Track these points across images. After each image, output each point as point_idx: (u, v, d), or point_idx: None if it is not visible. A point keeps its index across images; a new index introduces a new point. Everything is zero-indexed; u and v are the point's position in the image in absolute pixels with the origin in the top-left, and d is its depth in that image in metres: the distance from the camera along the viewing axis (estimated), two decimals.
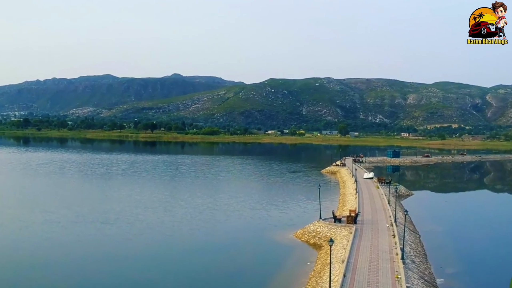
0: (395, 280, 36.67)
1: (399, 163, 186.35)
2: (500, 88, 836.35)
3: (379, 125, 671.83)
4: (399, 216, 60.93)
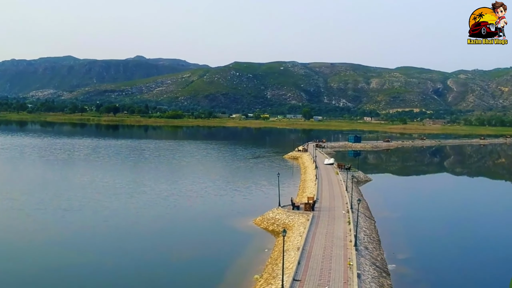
0: (347, 267, 38.18)
1: (360, 148, 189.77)
2: (461, 73, 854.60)
3: (343, 109, 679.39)
4: (356, 203, 62.66)
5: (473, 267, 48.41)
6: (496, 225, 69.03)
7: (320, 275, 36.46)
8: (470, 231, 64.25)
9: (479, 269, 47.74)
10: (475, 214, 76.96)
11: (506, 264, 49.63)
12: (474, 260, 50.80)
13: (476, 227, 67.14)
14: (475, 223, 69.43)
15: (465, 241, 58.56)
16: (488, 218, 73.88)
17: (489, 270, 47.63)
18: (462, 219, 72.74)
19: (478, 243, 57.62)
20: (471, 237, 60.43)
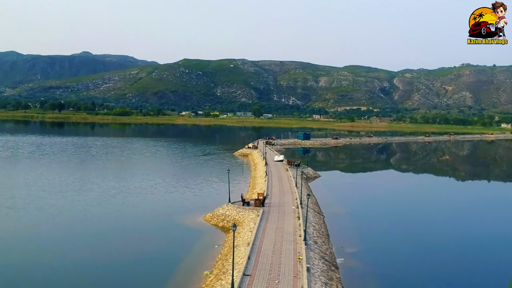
0: (297, 261, 38.44)
1: (309, 145, 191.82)
2: (406, 72, 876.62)
3: (292, 107, 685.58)
4: (305, 198, 63.29)
5: (419, 260, 49.57)
6: (440, 219, 70.89)
7: (270, 269, 36.57)
8: (416, 225, 65.88)
9: (424, 261, 48.91)
10: (420, 209, 78.88)
11: (449, 255, 51.21)
12: (419, 253, 52.05)
13: (421, 221, 68.85)
14: (421, 218, 71.20)
15: (411, 235, 60.03)
16: (433, 213, 75.76)
17: (433, 261, 48.88)
18: (408, 214, 74.45)
19: (424, 237, 59.06)
20: (417, 231, 61.96)
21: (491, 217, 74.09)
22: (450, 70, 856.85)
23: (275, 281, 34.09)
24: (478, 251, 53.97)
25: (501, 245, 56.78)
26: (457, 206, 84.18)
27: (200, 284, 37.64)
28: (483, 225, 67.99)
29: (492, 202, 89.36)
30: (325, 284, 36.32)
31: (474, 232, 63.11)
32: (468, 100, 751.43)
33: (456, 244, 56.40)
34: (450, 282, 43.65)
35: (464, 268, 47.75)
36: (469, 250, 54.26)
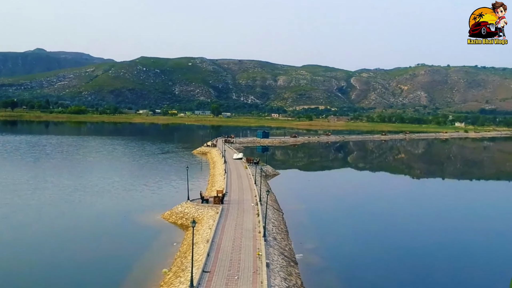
0: (256, 257, 38.44)
1: (268, 144, 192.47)
2: (363, 72, 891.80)
3: (251, 105, 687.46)
4: (264, 195, 63.40)
5: (376, 255, 50.31)
6: (396, 215, 72.32)
7: (229, 265, 36.43)
8: (373, 221, 66.76)
9: (381, 256, 49.72)
10: (377, 206, 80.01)
11: (405, 249, 52.26)
12: (376, 248, 52.85)
13: (378, 217, 69.88)
14: (377, 214, 72.19)
15: (368, 230, 60.85)
16: (389, 209, 77.22)
17: (390, 255, 49.83)
18: (365, 210, 75.31)
19: (380, 232, 60.03)
20: (374, 227, 62.84)
21: (445, 212, 75.88)
22: (406, 70, 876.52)
23: (235, 277, 33.99)
24: (432, 244, 55.12)
25: (452, 237, 58.25)
26: (413, 202, 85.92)
27: (158, 282, 37.13)
28: (437, 220, 69.52)
29: (446, 198, 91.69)
30: (285, 279, 36.43)
31: (428, 226, 64.48)
32: (423, 100, 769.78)
33: (411, 238, 57.56)
34: (406, 275, 44.42)
35: (420, 261, 48.66)
36: (424, 243, 55.36)
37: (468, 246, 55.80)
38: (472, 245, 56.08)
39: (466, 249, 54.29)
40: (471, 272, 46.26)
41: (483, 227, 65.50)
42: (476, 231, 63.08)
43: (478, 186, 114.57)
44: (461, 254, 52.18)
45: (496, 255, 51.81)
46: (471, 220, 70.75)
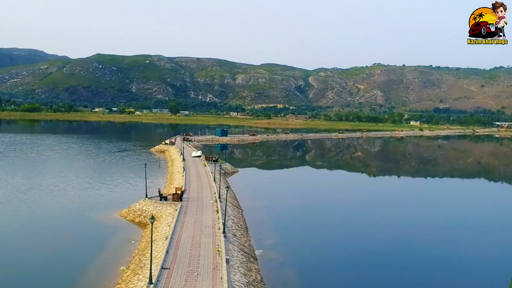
0: (216, 253, 38.23)
1: (227, 142, 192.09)
2: (321, 71, 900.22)
3: (209, 104, 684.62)
4: (224, 192, 63.17)
5: (334, 249, 50.92)
6: (353, 211, 73.36)
7: (189, 262, 36.13)
8: (330, 217, 67.71)
9: (339, 250, 50.31)
10: (334, 203, 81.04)
11: (362, 242, 52.97)
12: (334, 242, 53.51)
13: (335, 214, 70.86)
14: (334, 211, 73.19)
15: (326, 225, 61.61)
16: (346, 205, 78.36)
17: (348, 248, 50.45)
18: (323, 207, 76.20)
19: (337, 228, 60.93)
20: (331, 223, 63.74)
21: (400, 207, 77.54)
22: (363, 70, 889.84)
23: (194, 273, 33.71)
24: (389, 238, 56.16)
25: (409, 232, 59.51)
26: (370, 199, 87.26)
27: (116, 280, 36.48)
28: (395, 215, 70.82)
29: (402, 195, 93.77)
30: (244, 275, 36.40)
31: (386, 221, 65.63)
32: (379, 99, 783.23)
33: (369, 233, 58.37)
34: (364, 269, 45.01)
35: (377, 255, 49.40)
36: (381, 238, 56.30)
37: (422, 239, 56.96)
38: (425, 238, 57.26)
39: (422, 242, 55.40)
40: (427, 264, 47.21)
41: (440, 222, 67.12)
42: (431, 226, 64.45)
43: (432, 184, 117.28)
44: (417, 247, 53.25)
45: (452, 249, 53.13)
46: (426, 216, 72.23)
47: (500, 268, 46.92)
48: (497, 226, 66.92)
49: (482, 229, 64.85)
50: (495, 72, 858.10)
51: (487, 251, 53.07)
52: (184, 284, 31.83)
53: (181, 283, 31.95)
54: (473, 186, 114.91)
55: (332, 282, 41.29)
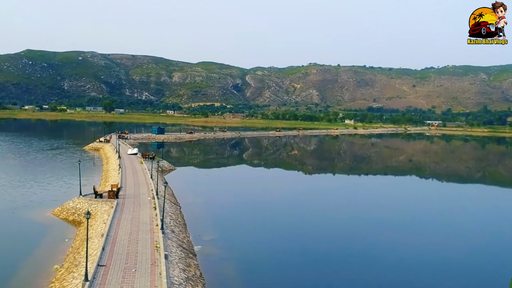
0: (154, 249, 37.64)
1: (163, 140, 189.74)
2: (258, 69, 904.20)
3: (145, 102, 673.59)
4: (161, 189, 62.44)
5: (271, 243, 51.30)
6: (289, 206, 74.46)
7: (126, 259, 35.38)
8: (267, 212, 68.29)
9: (277, 244, 50.75)
10: (270, 199, 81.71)
11: (299, 237, 53.80)
12: (271, 236, 53.96)
13: (272, 209, 71.58)
14: (272, 207, 73.82)
15: (263, 221, 62.27)
16: (282, 202, 79.28)
17: (284, 243, 51.03)
18: (260, 203, 76.82)
19: (275, 222, 61.62)
20: (268, 218, 64.38)
21: (334, 204, 79.40)
22: (299, 69, 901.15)
23: (132, 270, 33.03)
24: (324, 233, 57.31)
25: (344, 227, 60.95)
26: (305, 196, 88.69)
27: (49, 279, 35.21)
28: (329, 211, 72.38)
29: (335, 192, 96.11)
30: (183, 270, 36.07)
31: (320, 217, 67.02)
32: (315, 98, 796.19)
33: (305, 228, 59.51)
34: (301, 262, 45.65)
35: (313, 251, 50.23)
36: (317, 233, 57.39)
37: (356, 234, 58.51)
38: (360, 233, 58.83)
39: (355, 238, 56.85)
40: (358, 259, 48.41)
41: (374, 218, 69.04)
42: (367, 222, 66.27)
43: (367, 181, 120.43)
44: (351, 242, 54.58)
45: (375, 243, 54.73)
46: (361, 212, 74.16)
47: (413, 266, 48.66)
48: (424, 222, 69.54)
49: (415, 226, 67.22)
50: (426, 72, 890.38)
51: (407, 246, 55.05)
52: (121, 281, 31.10)
53: (118, 280, 31.21)
54: (405, 183, 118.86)
55: (270, 276, 41.56)
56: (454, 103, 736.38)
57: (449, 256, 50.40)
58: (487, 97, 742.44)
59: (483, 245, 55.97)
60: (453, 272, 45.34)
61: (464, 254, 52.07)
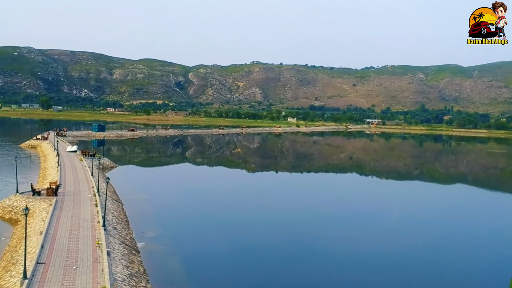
0: (96, 246, 36.82)
1: (104, 137, 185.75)
2: (201, 67, 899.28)
3: (85, 99, 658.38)
4: (102, 187, 61.18)
5: (215, 238, 51.18)
6: (231, 203, 74.84)
7: (67, 256, 34.44)
8: (211, 210, 68.09)
9: (221, 239, 50.71)
10: (213, 196, 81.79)
11: (238, 232, 54.06)
12: (214, 233, 53.88)
13: (215, 206, 71.47)
14: (214, 204, 73.77)
15: (206, 217, 62.13)
16: (224, 199, 79.53)
17: (227, 240, 51.13)
18: (203, 200, 76.43)
19: (219, 218, 61.66)
20: (212, 215, 64.22)
21: (276, 201, 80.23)
22: (242, 67, 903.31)
23: (73, 267, 32.17)
24: (267, 229, 57.82)
25: (289, 223, 61.68)
26: (247, 193, 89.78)
27: None
28: (270, 208, 73.10)
29: (277, 189, 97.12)
30: (127, 267, 35.51)
31: (263, 213, 67.62)
32: (258, 96, 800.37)
33: (247, 224, 59.93)
34: (246, 258, 45.89)
35: (258, 244, 50.58)
36: (261, 227, 57.86)
37: (296, 229, 59.33)
38: (299, 229, 59.67)
39: (294, 233, 57.61)
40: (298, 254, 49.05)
41: (313, 214, 70.27)
42: (307, 218, 67.29)
43: (308, 178, 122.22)
44: (293, 238, 55.25)
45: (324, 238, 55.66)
46: (302, 208, 75.26)
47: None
48: (365, 219, 71.27)
49: (354, 222, 68.78)
50: (366, 72, 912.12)
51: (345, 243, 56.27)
52: (62, 278, 30.23)
53: (59, 277, 30.31)
54: (346, 180, 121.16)
55: (214, 272, 41.46)
56: (393, 102, 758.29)
57: (387, 251, 51.86)
58: (424, 96, 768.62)
59: (424, 241, 57.87)
60: (383, 268, 46.61)
61: (413, 249, 53.68)
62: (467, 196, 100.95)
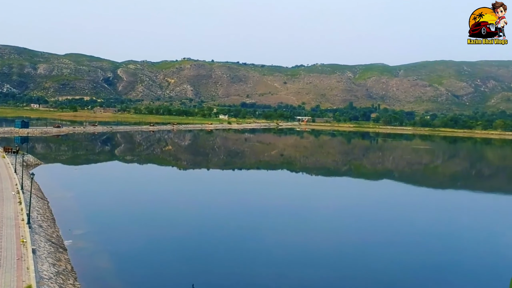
0: (21, 244, 35.69)
1: (28, 134, 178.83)
2: (130, 63, 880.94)
3: (7, 95, 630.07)
4: (26, 184, 59.13)
5: (143, 236, 50.83)
6: (160, 200, 74.62)
7: None
8: (140, 207, 67.39)
9: (148, 236, 50.41)
10: (142, 194, 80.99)
11: (182, 226, 53.92)
12: (142, 229, 53.54)
13: (144, 203, 70.95)
14: (143, 201, 73.09)
15: (135, 215, 61.75)
16: (155, 196, 79.01)
17: (156, 235, 50.88)
18: (133, 197, 75.73)
19: (146, 216, 61.36)
20: (141, 212, 63.73)
21: (205, 197, 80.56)
22: (173, 64, 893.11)
23: None
24: (196, 225, 58.00)
25: (232, 220, 62.02)
26: (178, 189, 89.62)
27: None
28: (203, 205, 73.40)
29: (207, 185, 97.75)
30: (53, 265, 34.66)
31: (193, 209, 67.76)
32: (189, 93, 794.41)
33: (178, 220, 60.16)
34: (176, 255, 45.84)
35: (188, 241, 50.60)
36: (192, 225, 57.92)
37: (224, 224, 59.82)
38: (228, 222, 60.18)
39: (224, 227, 58.07)
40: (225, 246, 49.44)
41: (245, 211, 70.99)
42: (237, 215, 67.97)
43: (239, 175, 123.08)
44: (218, 232, 55.63)
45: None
46: (232, 202, 75.82)
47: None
48: (294, 215, 72.70)
49: (281, 219, 69.95)
50: (296, 70, 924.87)
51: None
52: None
53: None
54: (277, 177, 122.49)
55: (143, 269, 41.16)
56: (322, 100, 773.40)
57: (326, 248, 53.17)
58: (352, 94, 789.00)
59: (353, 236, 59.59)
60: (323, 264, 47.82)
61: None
62: (394, 191, 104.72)
